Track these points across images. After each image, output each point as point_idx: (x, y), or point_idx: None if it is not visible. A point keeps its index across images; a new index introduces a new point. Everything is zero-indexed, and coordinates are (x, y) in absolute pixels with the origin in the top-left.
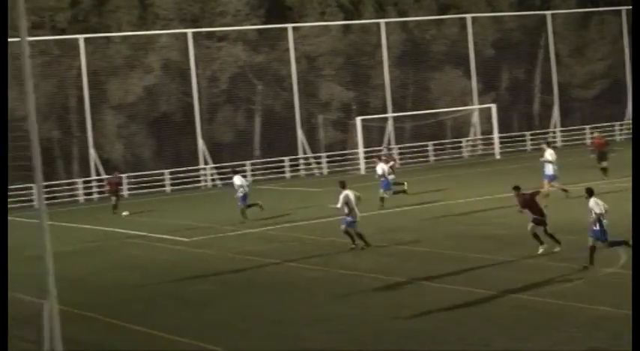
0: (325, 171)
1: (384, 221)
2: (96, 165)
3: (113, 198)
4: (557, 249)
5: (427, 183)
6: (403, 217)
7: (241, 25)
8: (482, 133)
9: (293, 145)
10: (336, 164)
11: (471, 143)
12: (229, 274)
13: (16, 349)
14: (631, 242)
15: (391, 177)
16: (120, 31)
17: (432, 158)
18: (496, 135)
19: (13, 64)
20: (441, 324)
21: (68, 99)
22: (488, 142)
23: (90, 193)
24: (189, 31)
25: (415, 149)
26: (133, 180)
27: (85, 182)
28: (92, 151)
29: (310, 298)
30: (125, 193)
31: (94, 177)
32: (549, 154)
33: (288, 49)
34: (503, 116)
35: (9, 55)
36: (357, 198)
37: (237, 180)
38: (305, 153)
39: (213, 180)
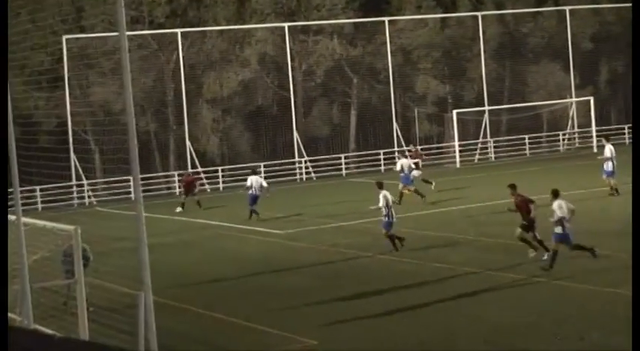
0: (420, 164)
1: (475, 215)
2: (192, 158)
3: (183, 196)
4: (545, 257)
5: (523, 176)
6: (496, 210)
7: (337, 19)
8: (580, 127)
9: (388, 139)
10: (431, 157)
11: (567, 137)
12: (322, 266)
13: (110, 339)
14: (597, 252)
15: (417, 173)
16: (216, 25)
17: (528, 151)
18: (594, 128)
19: (111, 58)
20: (533, 319)
21: (165, 93)
22: (586, 136)
23: None
24: (286, 24)
25: (511, 142)
26: (228, 173)
27: (180, 175)
28: (188, 144)
29: (403, 291)
30: (220, 186)
31: (190, 170)
32: (609, 150)
33: (384, 43)
34: (601, 109)
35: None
36: (393, 202)
37: (249, 181)
38: (400, 146)
39: (307, 173)
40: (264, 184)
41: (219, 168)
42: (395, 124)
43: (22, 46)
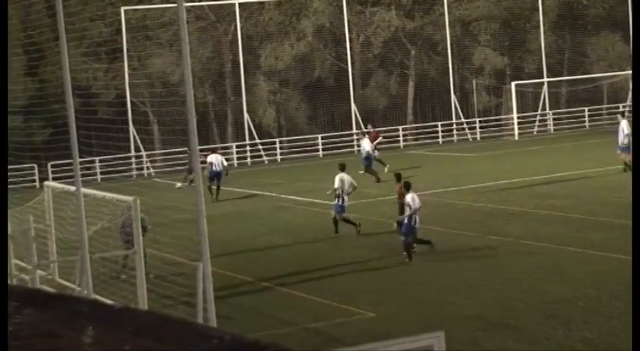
0: (479, 136)
1: (534, 187)
2: (250, 129)
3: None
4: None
5: (583, 149)
6: (556, 183)
7: None
8: None
9: (446, 110)
10: (489, 129)
11: (628, 109)
12: (379, 238)
13: (169, 309)
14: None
15: (375, 153)
16: None
17: (587, 124)
18: None
19: (169, 29)
20: (592, 292)
21: (223, 64)
22: None
23: (244, 157)
24: None
25: (571, 114)
26: (286, 145)
27: (238, 146)
28: (246, 116)
29: (461, 264)
30: (278, 158)
31: (247, 141)
32: (625, 125)
33: (442, 14)
34: None
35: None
36: (354, 187)
37: (209, 158)
38: (458, 118)
39: None
40: (225, 163)
41: (277, 140)
42: (453, 96)
43: (81, 17)
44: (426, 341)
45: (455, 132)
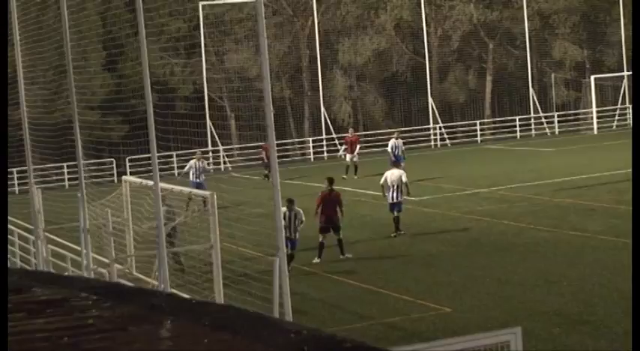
0: (557, 131)
1: (613, 182)
2: (326, 124)
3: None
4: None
5: None
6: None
7: None
8: None
9: (524, 105)
10: (568, 124)
11: None
12: (456, 233)
13: (245, 304)
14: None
15: (349, 157)
16: None
17: None
18: None
19: (246, 25)
20: None
21: (300, 59)
22: None
23: (320, 152)
24: None
25: None
26: (363, 139)
27: (315, 141)
28: (323, 111)
29: (539, 259)
30: (356, 152)
31: (324, 136)
32: None
33: (521, 7)
34: None
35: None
36: (301, 221)
37: (187, 166)
38: (537, 112)
39: (442, 139)
40: (208, 168)
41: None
42: (531, 90)
43: (161, 12)
44: (503, 337)
45: (533, 126)
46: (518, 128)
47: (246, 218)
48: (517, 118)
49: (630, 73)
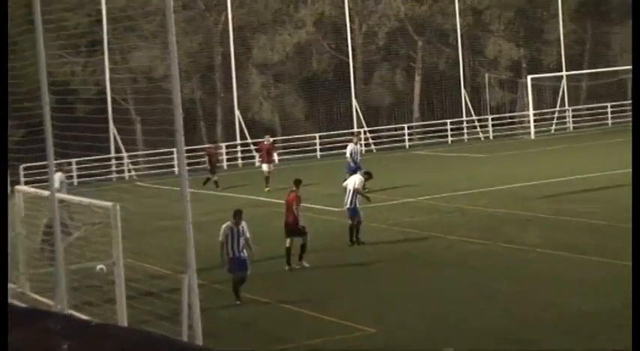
0: (491, 135)
1: (551, 191)
2: (241, 128)
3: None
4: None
5: (605, 149)
6: (576, 187)
7: None
8: None
9: (456, 107)
10: (503, 128)
11: None
12: (383, 246)
13: (151, 325)
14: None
15: (266, 166)
16: None
17: (610, 121)
18: None
19: (153, 20)
20: (616, 305)
21: (212, 57)
22: None
23: (234, 159)
24: None
25: (592, 111)
26: (281, 144)
27: (228, 147)
28: (237, 113)
29: (471, 274)
30: (276, 158)
31: (238, 141)
32: None
33: (452, 1)
34: None
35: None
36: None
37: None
38: (469, 115)
39: (367, 145)
40: (66, 180)
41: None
42: (463, 92)
43: (57, 6)
44: None
45: (465, 130)
46: (449, 132)
47: (153, 232)
48: (448, 121)
49: (569, 73)
